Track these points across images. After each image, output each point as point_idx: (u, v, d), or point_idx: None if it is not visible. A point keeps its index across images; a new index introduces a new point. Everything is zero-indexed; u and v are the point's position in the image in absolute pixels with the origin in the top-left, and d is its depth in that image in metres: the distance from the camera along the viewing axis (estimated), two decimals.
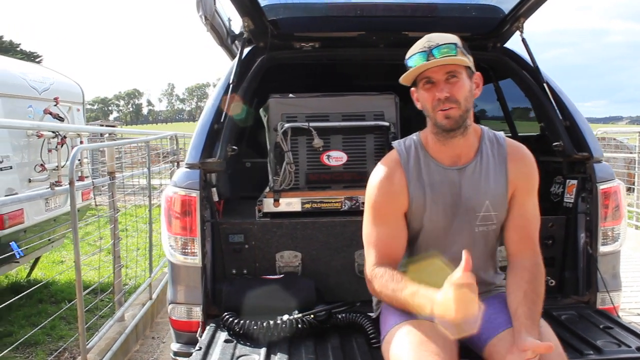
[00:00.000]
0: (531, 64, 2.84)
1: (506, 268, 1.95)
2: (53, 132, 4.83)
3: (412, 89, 1.92)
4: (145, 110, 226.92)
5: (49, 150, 4.99)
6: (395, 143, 2.04)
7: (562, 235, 2.67)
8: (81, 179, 5.71)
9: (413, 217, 1.95)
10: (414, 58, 1.83)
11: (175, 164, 6.29)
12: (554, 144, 2.65)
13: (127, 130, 7.69)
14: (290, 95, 2.74)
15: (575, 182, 2.65)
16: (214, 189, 2.55)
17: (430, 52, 1.79)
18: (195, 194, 2.39)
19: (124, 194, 5.52)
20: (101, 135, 9.30)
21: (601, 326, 2.22)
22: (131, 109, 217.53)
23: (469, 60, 1.84)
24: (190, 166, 2.45)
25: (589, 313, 2.39)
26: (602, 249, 2.53)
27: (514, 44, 3.04)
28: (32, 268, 5.99)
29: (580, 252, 2.60)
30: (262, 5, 2.63)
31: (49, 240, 5.36)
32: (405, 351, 1.72)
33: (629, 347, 2.00)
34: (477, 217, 1.93)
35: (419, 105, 1.92)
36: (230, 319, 2.17)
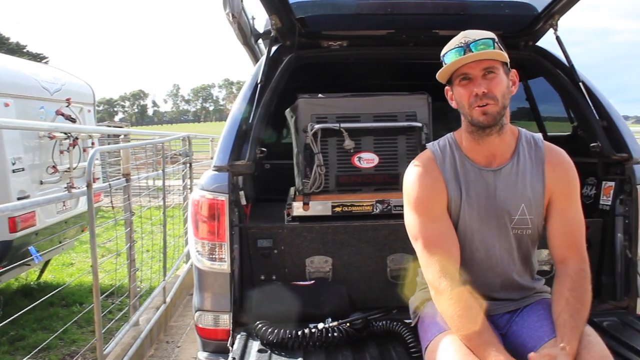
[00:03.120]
0: (566, 62, 2.76)
1: (546, 273, 1.88)
2: (65, 133, 4.76)
3: (447, 87, 1.89)
4: (150, 111, 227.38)
5: (61, 152, 4.92)
6: (429, 144, 2.00)
7: (599, 238, 2.59)
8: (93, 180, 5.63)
9: (450, 217, 1.90)
10: (450, 54, 1.80)
11: (188, 165, 6.21)
12: (591, 144, 2.57)
13: (139, 131, 7.65)
14: (320, 95, 2.66)
15: (612, 184, 2.57)
16: (241, 192, 2.48)
17: (467, 47, 1.77)
18: (223, 198, 2.32)
19: (140, 195, 5.45)
20: (108, 136, 9.28)
21: None
22: (136, 110, 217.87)
23: (506, 56, 1.81)
24: (219, 169, 2.38)
25: (631, 319, 2.31)
26: None
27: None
28: (42, 271, 5.93)
29: (618, 256, 2.52)
30: (290, 2, 2.56)
31: (60, 242, 5.30)
32: None
33: None
34: (512, 221, 1.88)
35: (453, 104, 1.88)
36: (264, 328, 2.09)
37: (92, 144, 5.67)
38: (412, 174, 1.92)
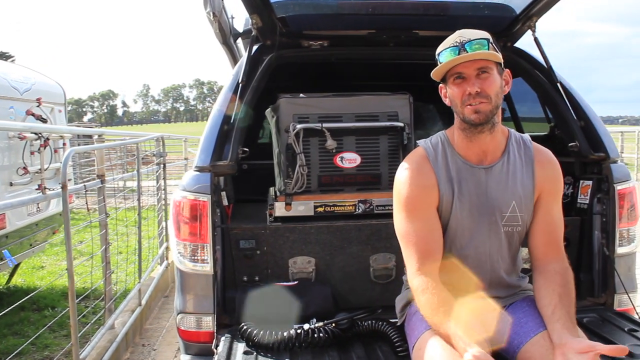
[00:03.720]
0: (544, 63, 2.80)
1: (527, 270, 1.91)
2: (36, 133, 4.64)
3: (441, 85, 1.92)
4: (120, 112, 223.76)
5: (32, 153, 4.80)
6: (421, 141, 2.02)
7: (577, 236, 2.64)
8: None
9: (440, 215, 1.92)
10: (445, 53, 1.82)
11: (162, 166, 6.12)
12: (569, 144, 2.62)
13: (113, 131, 7.51)
14: (301, 95, 2.64)
15: (589, 183, 2.62)
16: (223, 193, 2.45)
17: (462, 46, 1.78)
18: (205, 199, 2.29)
19: (113, 197, 5.35)
20: (77, 136, 9.09)
21: (626, 329, 2.18)
22: (106, 110, 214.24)
23: (500, 56, 1.83)
24: (200, 169, 2.35)
25: (610, 315, 2.35)
26: (618, 250, 2.51)
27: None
28: (11, 274, 5.77)
29: (595, 254, 2.57)
30: (271, 1, 2.54)
31: (30, 245, 5.17)
32: (438, 357, 1.67)
33: None
34: (504, 218, 1.91)
35: (447, 102, 1.90)
36: (249, 330, 2.07)
37: (64, 144, 5.55)
38: (404, 172, 1.93)
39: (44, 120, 4.98)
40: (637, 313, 2.44)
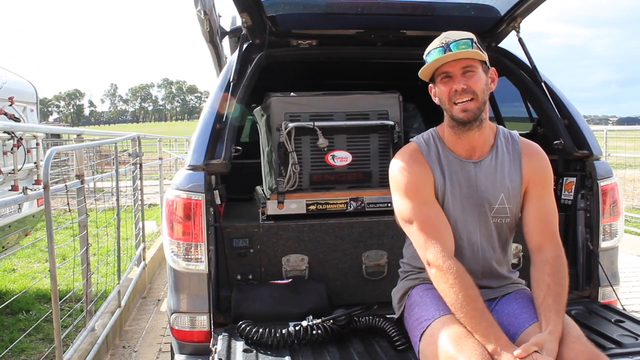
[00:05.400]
0: (528, 63, 2.87)
1: (514, 265, 1.96)
2: (8, 133, 4.53)
3: (430, 85, 1.99)
4: (87, 111, 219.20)
5: (4, 153, 4.68)
6: (413, 138, 2.07)
7: (561, 232, 2.69)
8: (38, 182, 5.41)
9: None
10: (432, 54, 1.90)
11: (138, 166, 6.02)
12: (554, 142, 2.68)
13: (92, 130, 7.37)
14: (292, 93, 2.65)
15: (573, 179, 2.69)
16: (216, 192, 2.44)
17: (447, 47, 1.87)
18: (199, 197, 2.28)
19: (89, 198, 5.25)
20: (47, 136, 8.87)
21: (613, 320, 2.25)
22: (72, 110, 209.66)
23: (484, 55, 1.91)
24: (194, 168, 2.34)
25: (596, 307, 2.43)
26: (602, 244, 2.58)
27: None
28: None
29: (580, 248, 2.65)
30: (261, 0, 2.54)
31: (3, 247, 5.05)
32: (447, 344, 1.70)
33: None
34: (493, 209, 1.97)
35: (436, 100, 1.98)
36: (248, 328, 2.06)
37: (37, 144, 5.43)
38: (399, 163, 1.98)
39: (17, 120, 4.86)
40: (621, 305, 2.52)
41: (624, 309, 2.42)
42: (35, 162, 5.38)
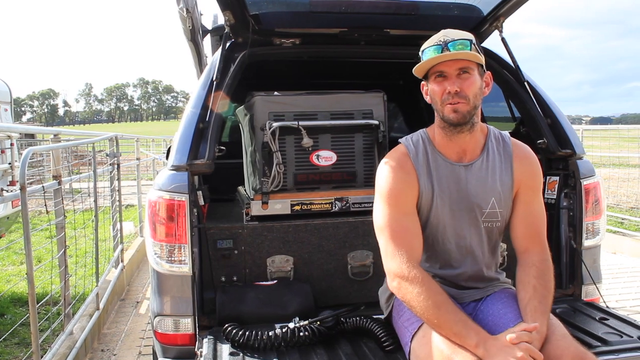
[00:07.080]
0: (511, 63, 2.88)
1: (502, 265, 1.95)
2: None
3: (423, 82, 1.95)
4: (61, 111, 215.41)
5: None
6: (402, 139, 2.03)
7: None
8: (12, 183, 5.30)
9: (420, 210, 1.94)
10: (428, 51, 1.86)
11: (116, 166, 5.93)
12: (537, 141, 2.69)
13: (70, 130, 7.23)
14: (276, 93, 2.62)
15: (556, 178, 2.71)
16: (199, 192, 2.40)
17: (445, 45, 1.82)
18: (183, 198, 2.24)
19: (67, 200, 5.14)
20: (21, 136, 8.70)
21: (597, 318, 2.26)
22: (46, 110, 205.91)
23: (482, 58, 1.87)
24: (177, 168, 2.29)
25: (580, 305, 2.44)
26: (585, 243, 2.60)
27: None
28: None
29: (563, 247, 2.66)
30: None
31: None
32: (442, 343, 1.69)
33: (631, 337, 2.05)
34: (483, 214, 1.94)
35: (428, 99, 1.94)
36: (234, 330, 2.03)
37: (11, 145, 5.32)
38: (385, 167, 1.95)
39: None
40: (604, 302, 2.55)
41: (607, 307, 2.45)
42: (9, 163, 5.27)
